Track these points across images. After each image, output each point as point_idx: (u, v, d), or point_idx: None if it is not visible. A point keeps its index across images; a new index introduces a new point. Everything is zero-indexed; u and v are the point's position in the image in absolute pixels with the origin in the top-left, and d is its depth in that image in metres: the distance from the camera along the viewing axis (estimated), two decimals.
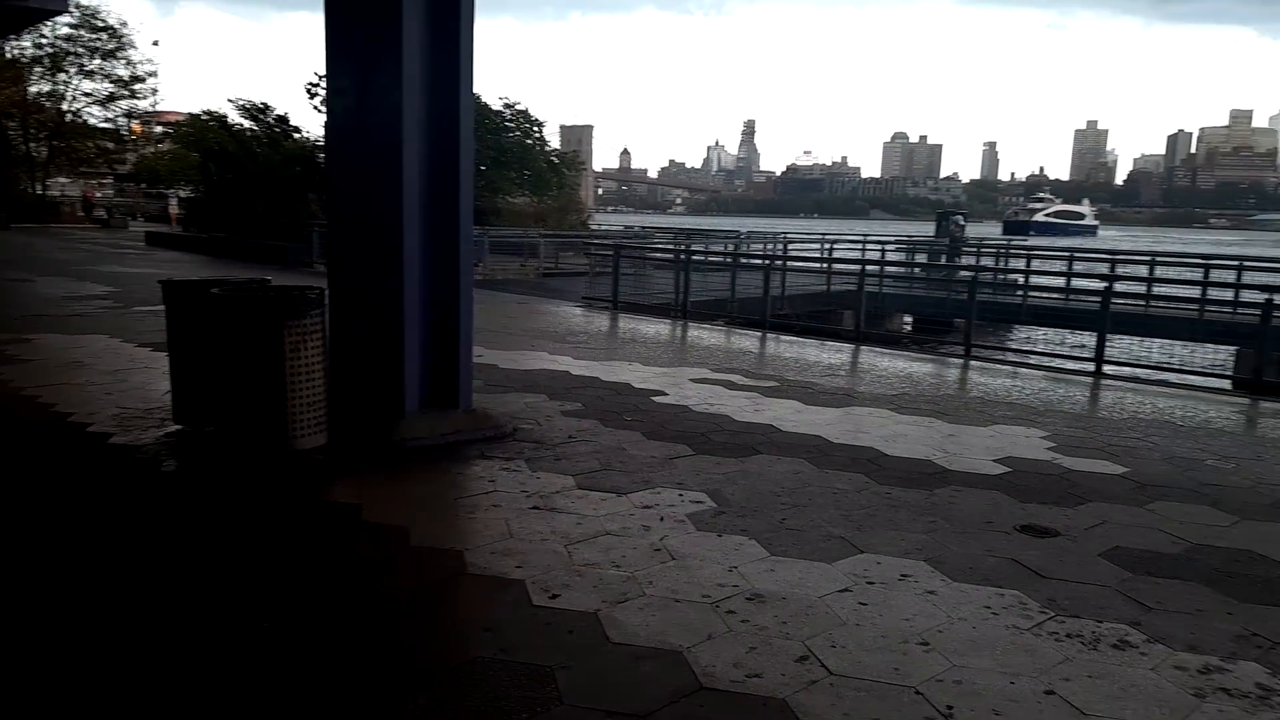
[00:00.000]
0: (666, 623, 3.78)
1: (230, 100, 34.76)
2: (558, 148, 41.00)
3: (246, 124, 31.92)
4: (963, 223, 24.12)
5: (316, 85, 32.10)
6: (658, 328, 14.09)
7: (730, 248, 27.24)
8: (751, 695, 3.26)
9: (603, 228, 41.34)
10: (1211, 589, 4.33)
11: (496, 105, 35.77)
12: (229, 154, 30.48)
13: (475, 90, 7.15)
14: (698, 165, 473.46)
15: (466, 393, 7.00)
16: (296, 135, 31.33)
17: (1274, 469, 6.64)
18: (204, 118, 34.25)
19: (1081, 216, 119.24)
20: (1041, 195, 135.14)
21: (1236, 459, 6.89)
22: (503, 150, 34.19)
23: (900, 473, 6.17)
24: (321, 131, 25.55)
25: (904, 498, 5.62)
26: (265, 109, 31.87)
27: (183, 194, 44.34)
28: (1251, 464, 6.76)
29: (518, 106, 36.25)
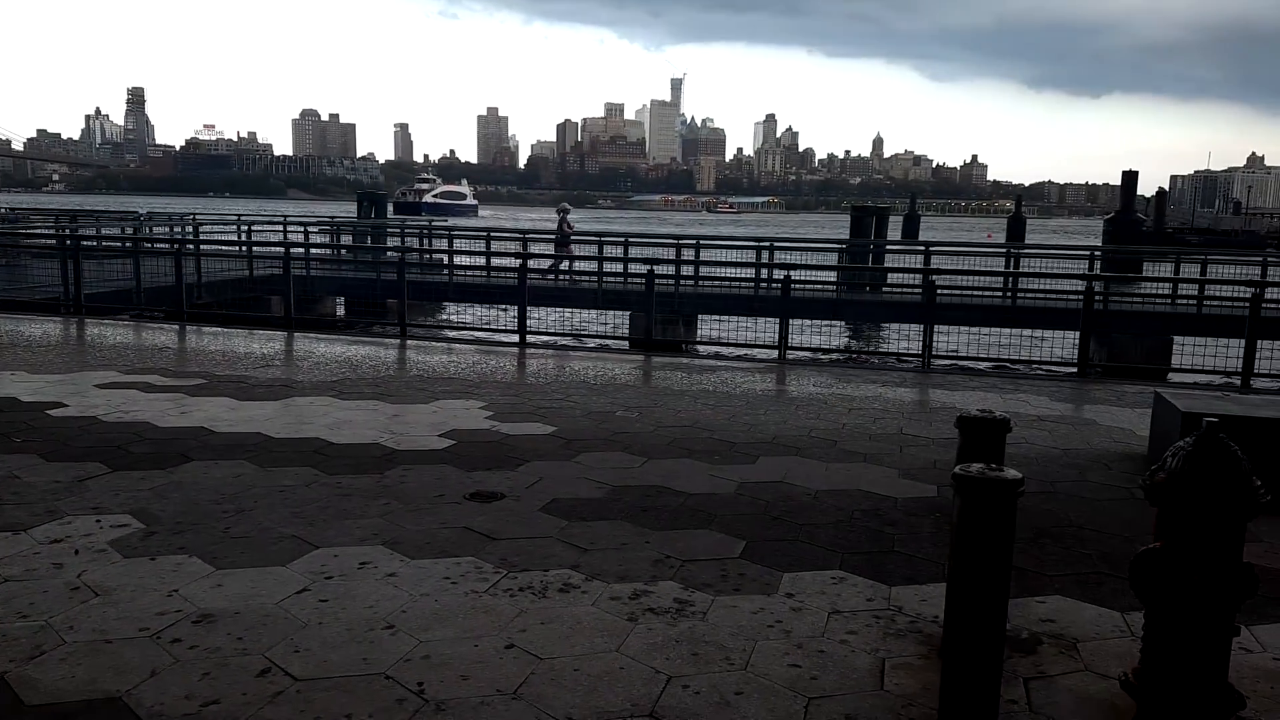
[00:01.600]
0: (98, 669, 3.25)
1: None
2: None
3: None
4: (569, 207, 23.82)
5: None
6: (45, 328, 12.02)
7: (130, 231, 24.23)
8: None
9: None
10: (632, 523, 4.98)
11: None
12: None
13: None
14: (76, 137, 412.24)
15: None
16: None
17: (669, 413, 7.85)
18: None
19: (464, 196, 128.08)
20: (425, 176, 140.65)
21: (639, 408, 8.02)
22: None
23: (349, 460, 6.06)
24: None
25: (355, 484, 5.53)
26: None
27: None
28: (651, 410, 7.92)
29: None
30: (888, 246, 26.03)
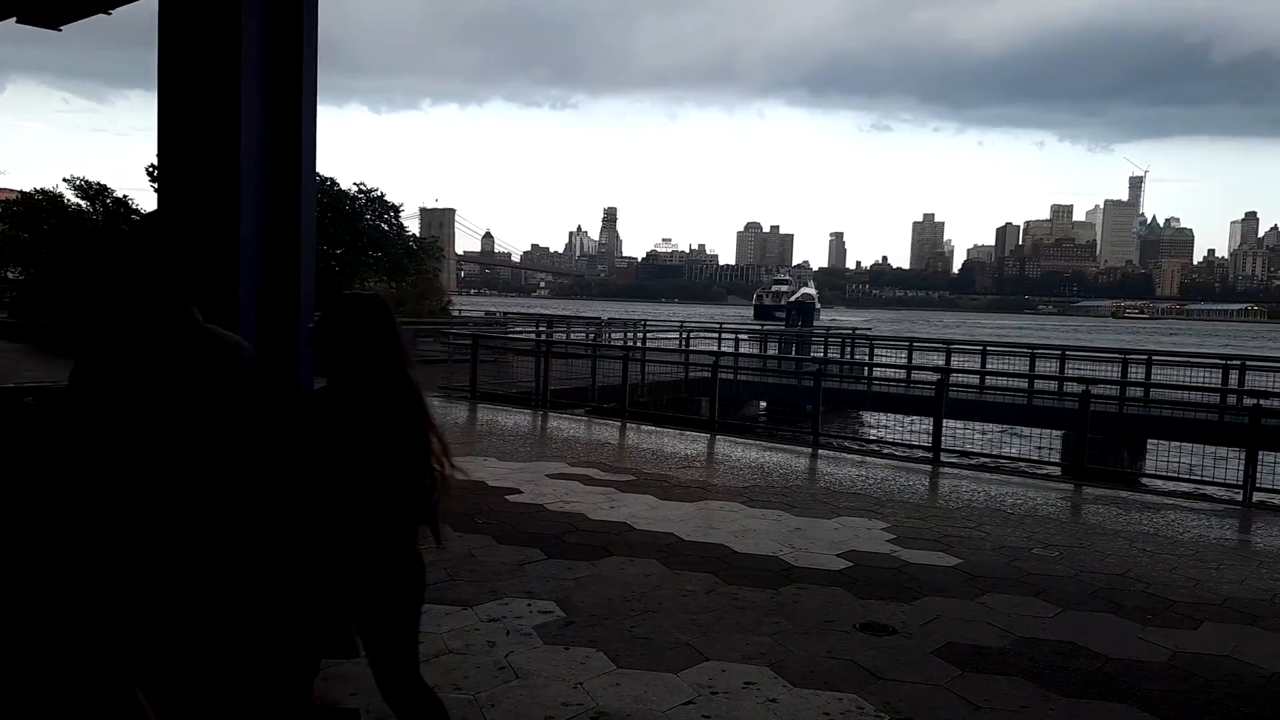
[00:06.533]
0: None
1: (65, 180, 32.93)
2: (415, 234, 40.69)
3: (84, 204, 30.43)
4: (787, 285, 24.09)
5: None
6: (517, 419, 13.98)
7: (591, 335, 27.45)
8: None
9: (463, 313, 41.09)
10: (1035, 684, 4.53)
11: (352, 191, 35.27)
12: (61, 236, 28.89)
13: (330, 175, 7.04)
14: (560, 250, 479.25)
15: None
16: (136, 218, 30.01)
17: (1095, 556, 7.06)
18: (36, 197, 32.37)
19: (813, 298, 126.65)
20: (780, 278, 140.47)
21: (1060, 547, 7.31)
22: (358, 235, 33.68)
23: (748, 571, 6.25)
24: None
25: (750, 598, 5.68)
26: (103, 190, 30.50)
27: (10, 276, 41.45)
28: (1075, 552, 7.17)
29: (373, 193, 35.89)
30: None
